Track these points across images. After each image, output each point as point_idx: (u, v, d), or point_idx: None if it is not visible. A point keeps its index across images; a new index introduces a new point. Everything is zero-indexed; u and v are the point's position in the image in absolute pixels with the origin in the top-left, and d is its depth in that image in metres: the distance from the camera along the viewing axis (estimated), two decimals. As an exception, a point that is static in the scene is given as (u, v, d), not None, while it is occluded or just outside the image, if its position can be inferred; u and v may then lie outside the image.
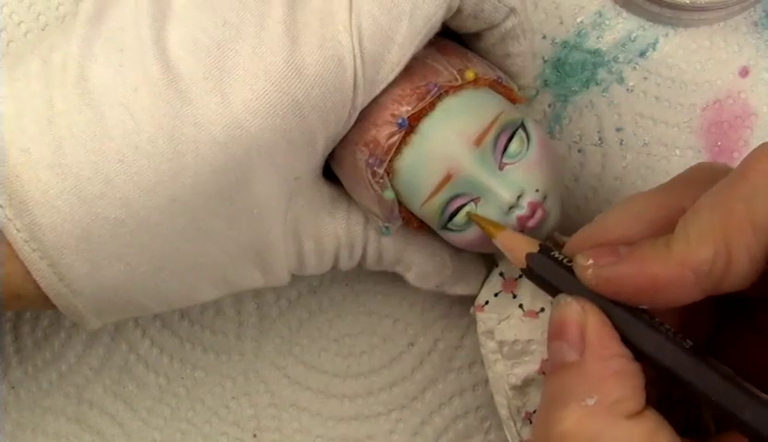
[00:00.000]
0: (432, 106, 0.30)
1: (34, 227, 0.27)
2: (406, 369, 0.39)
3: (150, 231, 0.27)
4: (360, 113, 0.30)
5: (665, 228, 0.25)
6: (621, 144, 0.38)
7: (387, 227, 0.32)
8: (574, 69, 0.38)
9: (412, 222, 0.32)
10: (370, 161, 0.30)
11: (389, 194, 0.31)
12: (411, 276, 0.34)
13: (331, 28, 0.27)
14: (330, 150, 0.30)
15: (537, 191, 0.30)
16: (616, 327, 0.25)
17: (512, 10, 0.30)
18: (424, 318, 0.39)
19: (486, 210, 0.30)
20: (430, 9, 0.28)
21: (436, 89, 0.29)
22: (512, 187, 0.30)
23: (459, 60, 0.31)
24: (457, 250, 0.34)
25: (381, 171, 0.30)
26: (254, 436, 0.39)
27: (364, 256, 0.33)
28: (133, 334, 0.39)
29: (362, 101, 0.29)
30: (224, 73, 0.27)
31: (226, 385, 0.39)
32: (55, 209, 0.27)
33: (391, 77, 0.29)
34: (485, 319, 0.33)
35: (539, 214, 0.30)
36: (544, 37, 0.38)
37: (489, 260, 0.35)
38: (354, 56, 0.27)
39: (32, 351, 0.39)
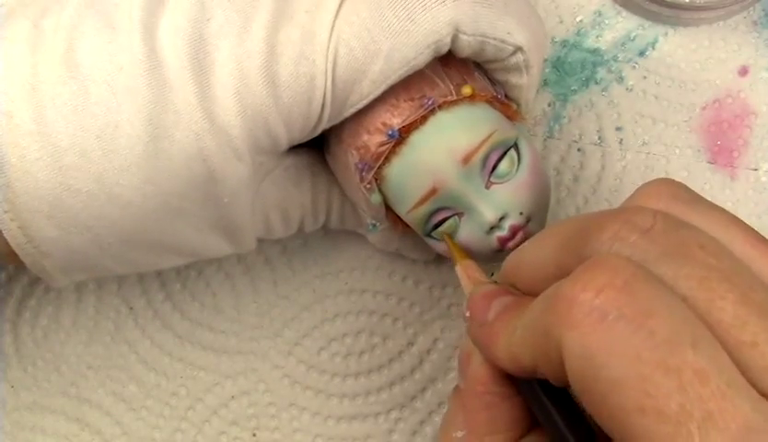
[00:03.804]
0: (424, 119, 0.30)
1: (8, 190, 0.27)
2: (406, 369, 0.39)
3: (121, 208, 0.28)
4: (354, 116, 0.30)
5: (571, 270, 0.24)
6: (620, 143, 0.38)
7: (374, 225, 0.33)
8: (573, 68, 0.38)
9: (398, 224, 0.33)
10: (360, 165, 0.30)
11: (375, 199, 0.31)
12: (371, 238, 0.35)
13: (309, 46, 0.28)
14: (317, 130, 0.31)
15: (521, 214, 0.30)
16: None
17: (518, 49, 0.30)
18: (423, 317, 0.39)
19: (468, 226, 0.31)
20: (409, 54, 0.28)
21: (429, 103, 0.29)
22: (496, 208, 0.30)
23: (458, 73, 0.31)
24: None
25: (369, 177, 0.30)
26: (254, 435, 0.39)
27: (327, 220, 0.34)
28: (133, 334, 0.39)
29: (328, 119, 0.29)
30: (203, 66, 0.27)
31: (225, 384, 0.39)
32: (30, 175, 0.27)
33: (360, 106, 0.29)
34: None
35: (519, 236, 0.30)
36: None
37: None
38: (326, 79, 0.28)
39: (32, 351, 0.39)
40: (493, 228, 0.30)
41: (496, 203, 0.30)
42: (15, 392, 0.39)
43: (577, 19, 0.38)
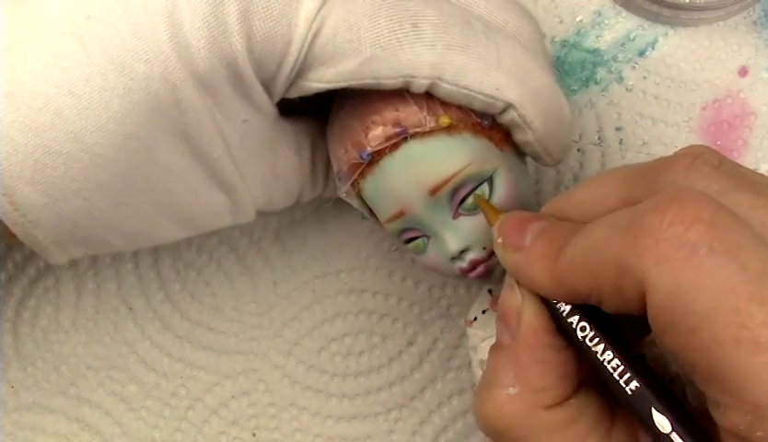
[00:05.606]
0: (396, 146, 0.29)
1: None
2: (405, 369, 0.39)
3: (106, 168, 0.27)
4: (338, 125, 0.30)
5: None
6: (620, 143, 0.38)
7: (363, 215, 0.33)
8: (573, 68, 0.38)
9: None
10: (338, 175, 0.31)
11: (355, 203, 0.31)
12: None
13: (295, 5, 0.27)
14: (278, 94, 0.30)
15: (484, 248, 0.30)
16: (555, 316, 0.25)
17: (510, 105, 0.29)
18: (423, 317, 0.39)
19: (435, 249, 0.31)
20: (384, 73, 0.28)
21: (401, 131, 0.29)
22: (459, 240, 0.30)
23: (442, 102, 0.30)
24: None
25: (346, 187, 0.30)
26: (253, 435, 0.39)
27: (324, 189, 0.34)
28: (133, 334, 0.39)
29: (289, 75, 0.28)
30: (175, 6, 0.26)
31: (225, 384, 0.39)
32: (9, 139, 0.26)
33: (319, 88, 0.28)
34: (472, 335, 0.33)
35: (479, 270, 0.30)
36: (543, 36, 0.38)
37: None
38: (304, 42, 0.27)
39: (32, 351, 0.39)
40: (454, 259, 0.30)
41: (461, 235, 0.30)
42: (15, 392, 0.39)
43: (577, 19, 0.38)
